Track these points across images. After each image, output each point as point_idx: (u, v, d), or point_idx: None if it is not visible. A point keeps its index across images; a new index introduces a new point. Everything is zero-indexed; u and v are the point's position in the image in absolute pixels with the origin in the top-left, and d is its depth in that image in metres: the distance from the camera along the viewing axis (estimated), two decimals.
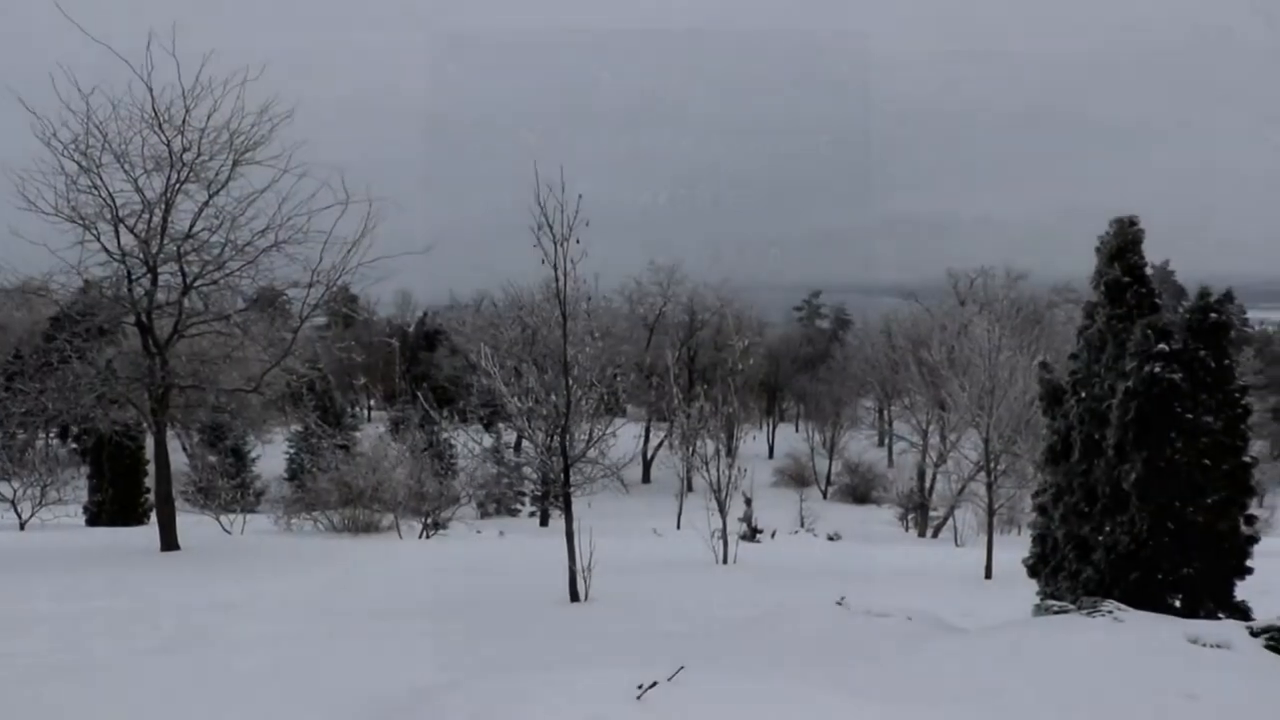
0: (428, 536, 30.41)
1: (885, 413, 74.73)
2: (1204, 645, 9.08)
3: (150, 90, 19.59)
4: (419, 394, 30.85)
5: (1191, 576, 11.51)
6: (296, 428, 50.46)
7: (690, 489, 37.58)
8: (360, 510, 30.26)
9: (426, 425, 40.71)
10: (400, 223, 21.08)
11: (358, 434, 52.19)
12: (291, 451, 51.27)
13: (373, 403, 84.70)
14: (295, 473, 45.36)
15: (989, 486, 23.72)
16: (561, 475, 15.67)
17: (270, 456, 53.42)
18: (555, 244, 14.84)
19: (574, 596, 15.40)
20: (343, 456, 33.74)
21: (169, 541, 21.04)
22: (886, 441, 73.97)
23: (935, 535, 43.16)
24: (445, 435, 49.16)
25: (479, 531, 34.10)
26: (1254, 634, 9.29)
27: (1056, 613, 10.92)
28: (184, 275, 20.84)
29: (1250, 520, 11.66)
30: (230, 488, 34.03)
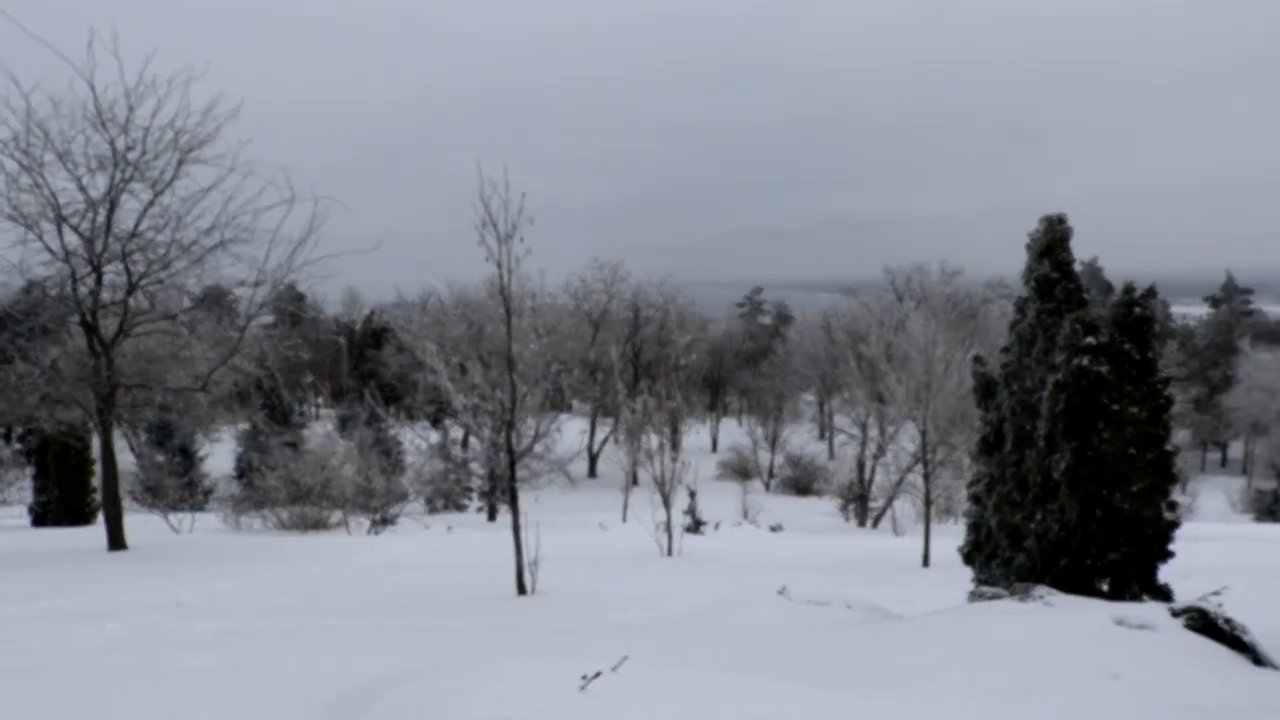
0: (376, 533, 30.42)
1: (826, 406, 75.47)
2: (1129, 627, 9.45)
3: (92, 88, 19.49)
4: (366, 391, 30.84)
5: (1118, 562, 11.91)
6: (244, 426, 50.13)
7: (635, 483, 37.84)
8: (309, 507, 30.25)
9: (374, 422, 40.64)
10: (347, 221, 21.14)
11: (306, 432, 52.04)
12: (240, 450, 50.87)
13: (320, 400, 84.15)
14: (243, 471, 45.11)
15: (926, 477, 24.20)
16: (507, 470, 15.84)
17: (218, 455, 52.93)
18: (499, 241, 15.00)
19: (521, 590, 15.58)
20: (291, 454, 33.74)
21: (116, 541, 20.93)
22: (827, 434, 74.67)
23: (875, 525, 43.73)
24: (392, 432, 49.00)
25: (427, 527, 34.12)
26: (1175, 615, 9.69)
27: (990, 599, 11.28)
28: (129, 274, 20.74)
29: (1172, 506, 12.09)
30: (178, 487, 33.81)
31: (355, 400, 46.45)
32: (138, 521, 25.90)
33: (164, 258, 20.90)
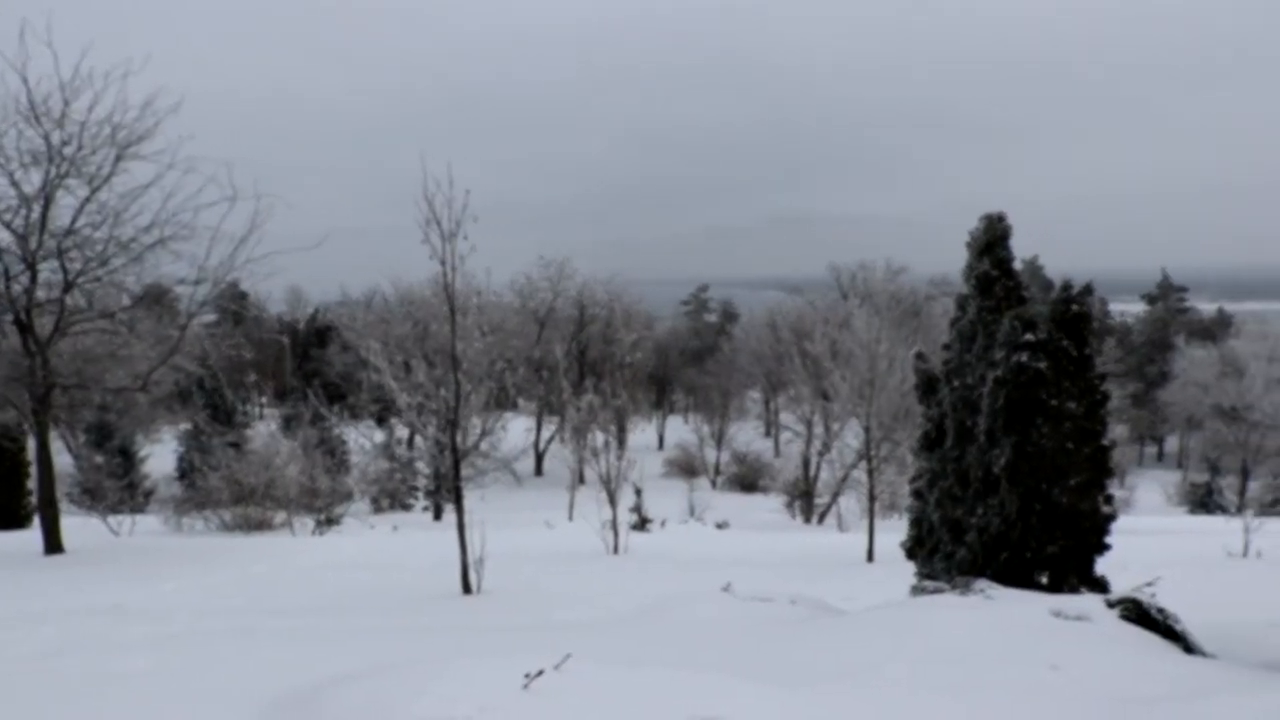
0: (320, 533, 30.23)
1: (771, 404, 75.85)
2: (1066, 619, 9.62)
3: (25, 82, 19.12)
4: (310, 390, 30.59)
5: (1057, 555, 12.11)
6: (186, 426, 49.54)
7: (582, 481, 37.85)
8: (252, 508, 30.02)
9: (318, 422, 40.32)
10: (294, 218, 20.94)
11: (249, 431, 51.46)
12: (181, 450, 50.21)
13: (264, 400, 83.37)
14: (185, 472, 44.53)
15: (870, 473, 24.40)
16: (452, 469, 15.80)
17: (159, 456, 52.11)
18: (443, 239, 14.95)
19: (466, 589, 15.55)
20: (234, 454, 33.42)
21: (53, 545, 20.57)
22: (773, 432, 75.10)
23: (820, 521, 44.02)
24: (337, 431, 48.63)
25: (372, 527, 33.93)
26: (1110, 606, 9.89)
27: (932, 593, 11.43)
28: (65, 272, 20.36)
29: (1109, 500, 12.30)
30: (117, 488, 33.34)
31: (299, 399, 45.99)
32: (75, 524, 25.47)
33: (102, 255, 20.55)
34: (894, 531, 20.59)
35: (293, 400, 54.16)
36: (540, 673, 6.32)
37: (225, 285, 22.32)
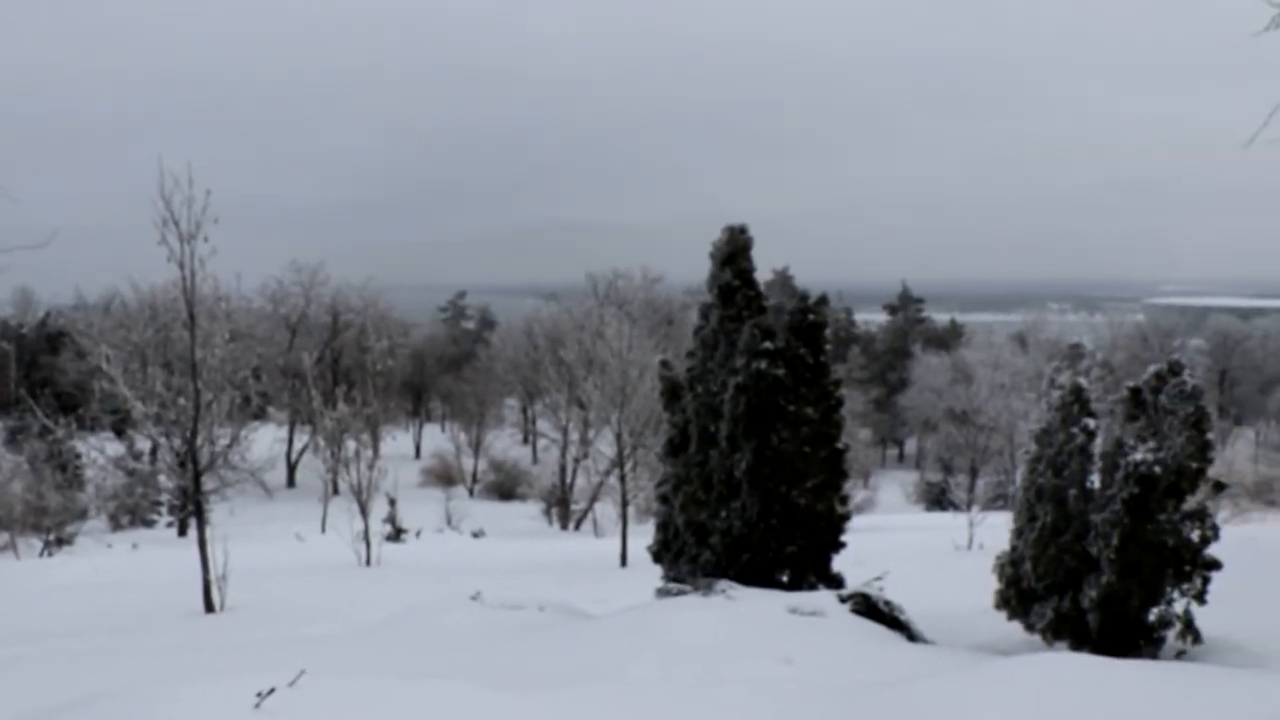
0: (50, 554, 28.51)
1: (528, 411, 75.93)
2: (802, 615, 10.10)
3: None
4: (38, 401, 28.74)
5: (796, 554, 12.67)
6: None
7: (336, 492, 36.90)
8: None
9: (47, 434, 37.83)
10: (15, 213, 19.53)
11: None
12: None
13: None
14: None
15: (622, 479, 24.85)
16: (192, 482, 15.20)
17: None
18: (182, 242, 14.40)
19: (209, 607, 14.99)
20: None
21: None
22: (530, 439, 75.23)
23: (577, 528, 44.44)
24: (70, 444, 45.70)
25: (110, 546, 32.18)
26: (842, 601, 10.44)
27: (676, 594, 11.75)
28: None
29: (845, 500, 12.97)
30: None
31: (26, 411, 43.00)
32: None
33: None
34: (649, 536, 21.03)
35: (18, 412, 50.59)
36: (272, 690, 6.14)
37: None
